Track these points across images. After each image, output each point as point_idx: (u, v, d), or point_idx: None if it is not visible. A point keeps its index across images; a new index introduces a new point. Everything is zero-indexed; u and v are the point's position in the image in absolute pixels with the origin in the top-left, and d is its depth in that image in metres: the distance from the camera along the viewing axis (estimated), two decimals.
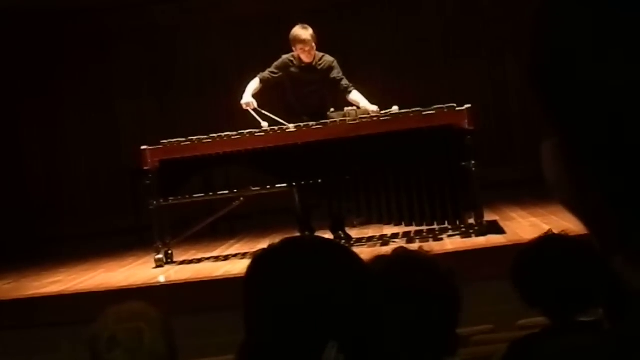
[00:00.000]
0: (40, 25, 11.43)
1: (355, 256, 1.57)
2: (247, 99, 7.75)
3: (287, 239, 1.63)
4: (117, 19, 11.55)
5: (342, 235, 7.84)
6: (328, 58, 7.82)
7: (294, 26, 7.82)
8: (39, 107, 11.69)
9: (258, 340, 1.52)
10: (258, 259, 1.58)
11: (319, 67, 7.78)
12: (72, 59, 11.59)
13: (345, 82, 7.75)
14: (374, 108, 7.61)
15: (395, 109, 7.57)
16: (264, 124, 7.64)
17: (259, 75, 7.85)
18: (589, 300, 2.42)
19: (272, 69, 7.84)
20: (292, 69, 7.80)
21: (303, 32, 7.67)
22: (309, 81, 7.76)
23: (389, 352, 1.60)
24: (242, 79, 8.18)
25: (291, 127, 7.57)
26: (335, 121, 7.57)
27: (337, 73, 7.76)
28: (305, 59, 7.72)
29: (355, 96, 7.73)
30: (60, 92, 11.68)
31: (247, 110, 7.74)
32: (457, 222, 7.38)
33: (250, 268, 1.56)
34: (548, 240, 2.58)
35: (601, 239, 0.76)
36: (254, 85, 7.82)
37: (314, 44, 7.68)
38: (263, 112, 7.73)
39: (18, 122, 11.68)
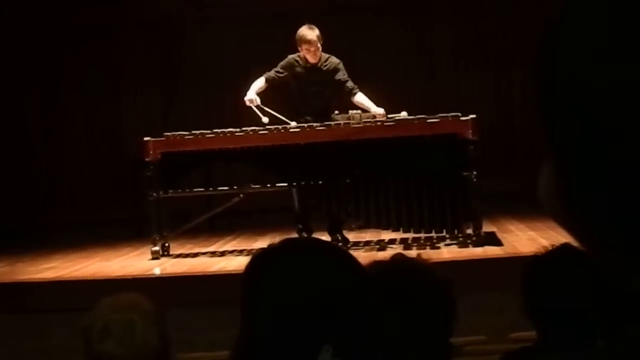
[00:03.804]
0: (48, 15, 11.43)
1: (355, 260, 1.56)
2: (251, 95, 7.78)
3: (287, 239, 1.63)
4: (125, 11, 11.54)
5: (340, 238, 7.84)
6: (334, 59, 7.82)
7: (301, 25, 7.83)
8: (44, 96, 11.70)
9: (253, 338, 1.52)
10: (257, 257, 1.58)
11: (325, 68, 7.78)
12: (79, 49, 11.59)
13: (350, 83, 7.76)
14: (380, 111, 7.62)
15: (404, 114, 7.58)
16: (265, 119, 7.67)
17: (264, 75, 7.87)
18: (591, 317, 2.41)
19: (277, 68, 7.86)
20: (298, 69, 7.81)
21: (309, 32, 7.68)
22: (314, 82, 7.77)
23: (382, 358, 1.60)
24: (248, 76, 8.19)
25: (293, 124, 7.60)
26: (339, 123, 7.57)
27: (342, 75, 7.77)
28: (311, 59, 7.73)
29: (360, 98, 7.74)
30: (66, 82, 11.68)
31: (250, 106, 7.77)
32: (455, 232, 7.38)
33: (249, 266, 1.56)
34: (565, 251, 2.53)
35: (592, 252, 0.76)
36: (259, 83, 7.84)
37: (319, 45, 7.69)
38: (266, 109, 7.75)
39: (23, 110, 11.68)
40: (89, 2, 11.44)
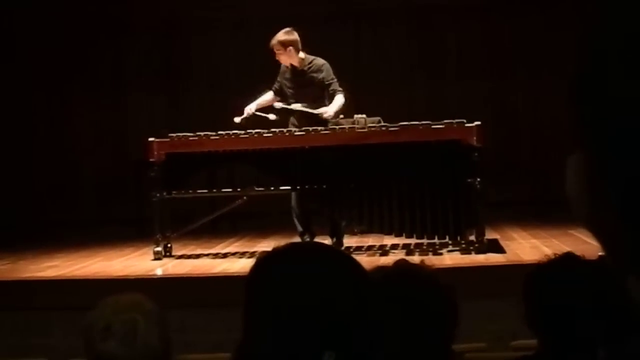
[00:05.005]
0: (53, 15, 11.44)
1: (359, 266, 1.56)
2: (248, 108, 7.86)
3: (292, 243, 1.63)
4: (131, 12, 11.55)
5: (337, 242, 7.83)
6: (318, 61, 7.88)
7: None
8: (49, 95, 11.72)
9: (256, 342, 1.52)
10: (261, 261, 1.57)
11: (309, 71, 7.84)
12: (85, 49, 11.60)
13: (334, 86, 7.79)
14: (326, 110, 7.68)
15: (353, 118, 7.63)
16: (237, 119, 7.81)
17: (272, 87, 7.97)
18: (592, 326, 2.40)
19: (278, 77, 7.98)
20: (287, 75, 7.98)
21: (275, 36, 7.76)
22: (301, 85, 7.88)
23: None
24: (253, 78, 8.21)
25: (271, 117, 7.82)
26: (344, 128, 7.58)
27: (324, 75, 7.81)
28: (281, 62, 7.83)
29: (333, 100, 7.76)
30: (72, 82, 11.69)
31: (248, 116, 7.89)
32: (458, 238, 7.38)
33: (253, 269, 1.56)
34: (567, 260, 2.53)
35: (615, 257, 0.76)
36: (266, 96, 7.99)
37: (280, 49, 7.76)
38: (258, 113, 7.86)
39: (28, 109, 11.69)
40: (95, 3, 11.45)
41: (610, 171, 0.72)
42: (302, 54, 7.84)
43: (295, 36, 7.81)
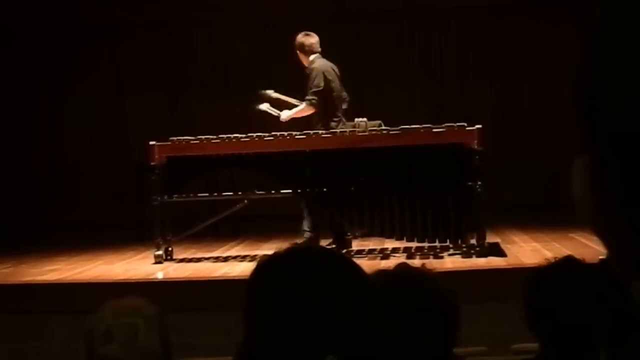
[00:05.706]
0: (55, 16, 11.45)
1: (360, 270, 1.56)
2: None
3: (294, 246, 1.62)
4: (131, 13, 11.56)
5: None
6: (314, 65, 7.87)
7: (306, 30, 7.96)
8: (50, 98, 11.73)
9: (257, 345, 1.52)
10: (263, 264, 1.57)
11: (308, 74, 7.88)
12: (86, 51, 11.61)
13: (308, 94, 7.80)
14: (280, 114, 7.90)
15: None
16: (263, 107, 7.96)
17: None
18: (593, 330, 2.40)
19: None
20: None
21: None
22: (304, 86, 7.90)
23: None
24: (254, 80, 8.21)
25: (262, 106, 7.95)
26: (345, 131, 7.59)
27: (310, 80, 7.83)
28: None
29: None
30: (72, 85, 11.70)
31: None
32: (459, 242, 7.37)
33: (254, 273, 1.56)
34: (568, 263, 2.53)
35: (621, 262, 0.76)
36: None
37: (297, 51, 7.88)
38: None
39: (29, 112, 11.70)
40: (96, 4, 11.46)
41: (614, 174, 0.72)
42: (312, 57, 7.87)
43: (302, 40, 7.88)
